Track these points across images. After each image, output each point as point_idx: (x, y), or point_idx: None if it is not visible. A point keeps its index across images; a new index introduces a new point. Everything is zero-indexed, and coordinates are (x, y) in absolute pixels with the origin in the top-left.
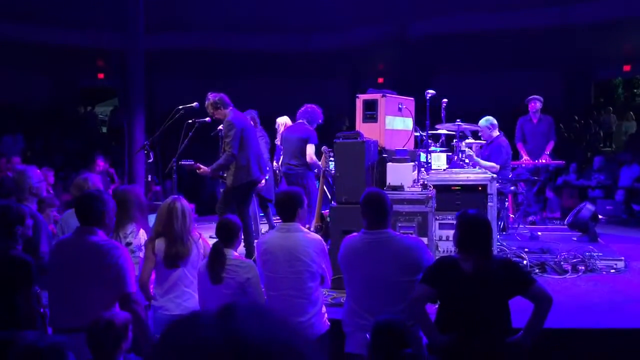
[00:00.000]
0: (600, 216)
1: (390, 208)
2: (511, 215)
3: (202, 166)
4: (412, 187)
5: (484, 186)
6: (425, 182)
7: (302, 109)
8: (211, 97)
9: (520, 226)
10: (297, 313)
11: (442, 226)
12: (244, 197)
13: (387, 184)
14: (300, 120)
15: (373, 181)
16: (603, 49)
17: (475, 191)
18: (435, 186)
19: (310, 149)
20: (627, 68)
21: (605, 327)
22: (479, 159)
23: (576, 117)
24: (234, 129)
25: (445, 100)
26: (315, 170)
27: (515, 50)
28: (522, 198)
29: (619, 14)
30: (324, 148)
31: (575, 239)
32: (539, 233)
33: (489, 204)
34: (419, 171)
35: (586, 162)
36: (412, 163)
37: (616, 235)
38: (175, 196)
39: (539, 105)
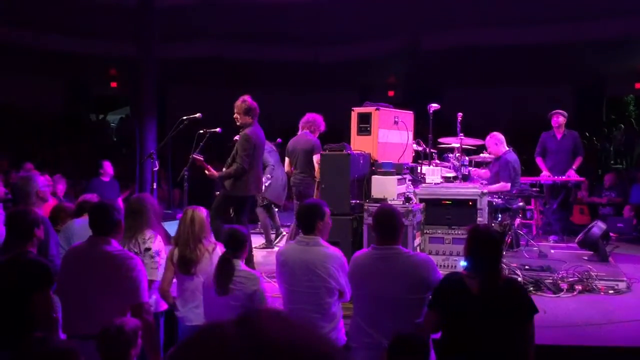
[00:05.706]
0: (611, 234)
1: (401, 225)
2: (520, 232)
3: (211, 169)
4: (395, 200)
5: (474, 201)
6: (408, 196)
7: (304, 118)
8: (249, 100)
9: (531, 242)
10: None
11: (432, 240)
12: (239, 207)
13: (371, 196)
14: (304, 130)
15: (360, 194)
16: (615, 66)
17: (466, 206)
18: (425, 200)
19: (318, 160)
20: (638, 86)
21: (575, 344)
22: (488, 186)
23: (587, 134)
24: (250, 144)
25: (460, 114)
26: None
27: (526, 65)
28: (530, 214)
29: (631, 32)
30: (316, 158)
31: (585, 258)
32: (552, 251)
33: (478, 219)
34: (408, 184)
35: (597, 179)
36: (398, 176)
37: (629, 255)
38: (195, 206)
39: (562, 119)
